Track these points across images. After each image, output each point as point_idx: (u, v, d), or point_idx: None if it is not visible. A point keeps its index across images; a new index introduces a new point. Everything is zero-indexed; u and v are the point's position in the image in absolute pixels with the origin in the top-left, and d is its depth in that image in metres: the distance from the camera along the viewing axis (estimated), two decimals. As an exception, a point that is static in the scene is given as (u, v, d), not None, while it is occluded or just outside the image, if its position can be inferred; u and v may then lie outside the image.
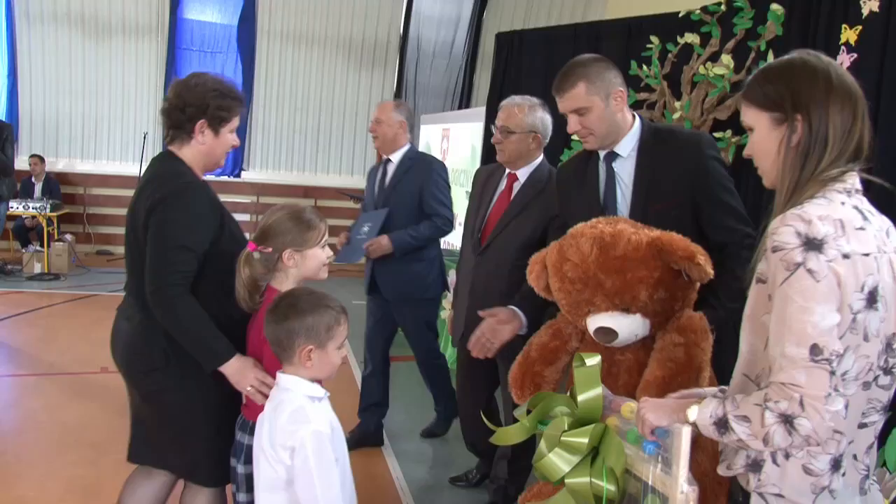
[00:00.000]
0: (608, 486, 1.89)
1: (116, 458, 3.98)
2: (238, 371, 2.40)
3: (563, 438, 1.96)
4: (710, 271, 2.23)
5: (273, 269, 2.42)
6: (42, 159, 9.66)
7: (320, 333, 2.13)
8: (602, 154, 2.70)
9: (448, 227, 4.15)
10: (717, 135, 4.75)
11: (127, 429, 2.77)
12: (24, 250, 9.10)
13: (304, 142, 10.81)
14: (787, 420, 1.47)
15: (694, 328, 2.29)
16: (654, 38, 5.29)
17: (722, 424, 1.58)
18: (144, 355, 2.52)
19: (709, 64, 4.75)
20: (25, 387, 5.22)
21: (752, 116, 1.72)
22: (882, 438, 1.94)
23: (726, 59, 4.67)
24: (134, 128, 10.43)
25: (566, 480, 1.95)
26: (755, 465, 1.65)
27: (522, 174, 3.39)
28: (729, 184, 2.60)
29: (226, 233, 2.52)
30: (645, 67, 5.30)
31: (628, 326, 2.29)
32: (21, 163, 9.35)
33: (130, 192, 10.45)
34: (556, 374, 2.56)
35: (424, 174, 4.14)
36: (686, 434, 1.71)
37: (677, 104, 4.98)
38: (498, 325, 2.85)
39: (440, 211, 4.10)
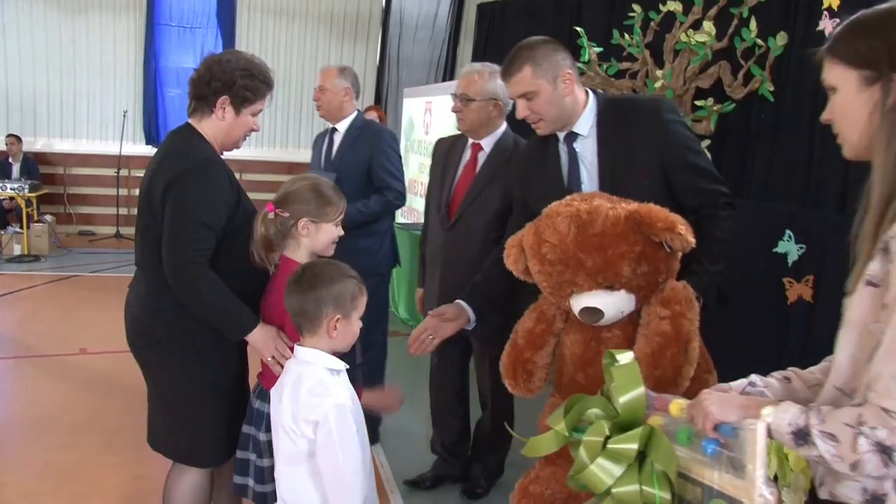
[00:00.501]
0: (661, 494, 1.71)
1: (95, 440, 3.98)
2: (263, 339, 2.41)
3: (610, 446, 1.75)
4: (692, 240, 2.18)
5: (287, 234, 2.41)
6: (19, 139, 9.51)
7: (346, 302, 2.09)
8: (561, 136, 2.61)
9: (400, 200, 3.93)
10: (698, 103, 4.71)
11: (105, 411, 2.71)
12: (2, 232, 8.98)
13: (286, 117, 10.66)
14: (885, 451, 1.29)
15: (678, 299, 2.24)
16: (636, 7, 5.21)
17: (802, 436, 1.39)
18: (147, 327, 2.51)
19: (690, 31, 4.69)
20: (3, 370, 5.15)
21: (836, 75, 1.46)
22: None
23: (708, 26, 4.61)
24: (113, 106, 10.27)
25: (613, 490, 1.75)
26: (876, 500, 1.40)
27: (487, 144, 3.27)
28: (695, 144, 2.55)
29: (240, 211, 2.49)
30: (627, 36, 5.23)
31: (614, 304, 2.24)
32: (-2, 143, 9.23)
33: (111, 172, 10.33)
34: (546, 357, 2.51)
35: (373, 145, 3.87)
36: (763, 431, 1.50)
37: (659, 73, 4.92)
38: (442, 322, 2.73)
39: (391, 184, 3.85)
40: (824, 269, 3.03)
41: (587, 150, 2.57)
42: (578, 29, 5.29)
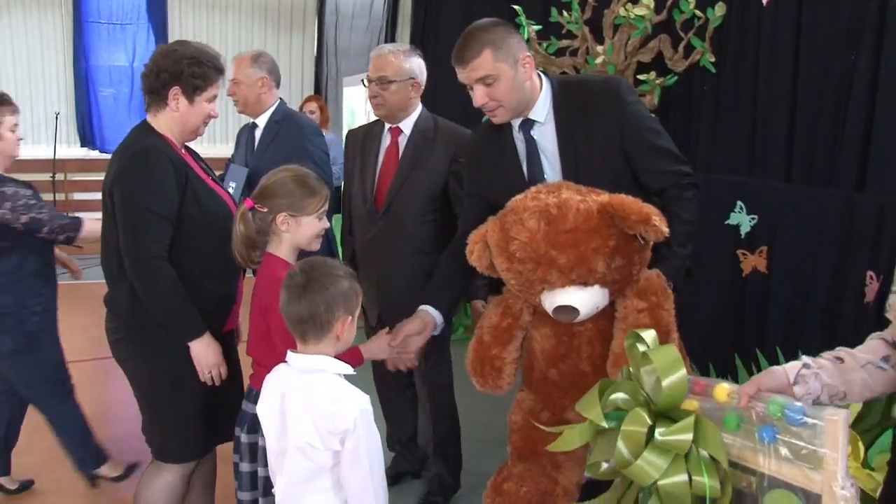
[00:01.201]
0: (710, 482, 1.58)
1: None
2: (203, 352, 2.44)
3: (660, 438, 1.60)
4: (666, 230, 2.12)
5: (267, 230, 2.34)
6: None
7: (352, 301, 2.00)
8: (516, 124, 2.51)
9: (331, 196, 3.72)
10: (640, 77, 4.70)
11: (100, 420, 2.71)
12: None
13: (224, 112, 10.43)
14: None
15: (654, 289, 2.20)
16: (573, -18, 5.17)
17: None
18: (111, 322, 2.57)
19: (629, 6, 4.66)
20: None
21: None
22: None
23: (646, -1, 4.59)
24: (44, 107, 9.90)
25: (660, 483, 1.59)
26: None
27: (406, 126, 3.17)
28: (655, 125, 2.50)
29: (189, 196, 2.46)
30: (566, 13, 5.19)
31: (589, 300, 2.17)
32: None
33: (47, 176, 9.96)
34: (515, 353, 2.43)
35: (295, 142, 3.54)
36: (845, 421, 1.44)
37: (599, 48, 4.90)
38: (408, 339, 2.52)
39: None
40: (777, 240, 3.02)
41: (546, 137, 2.48)
42: (516, 7, 5.23)
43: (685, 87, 4.69)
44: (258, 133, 3.72)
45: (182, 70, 2.48)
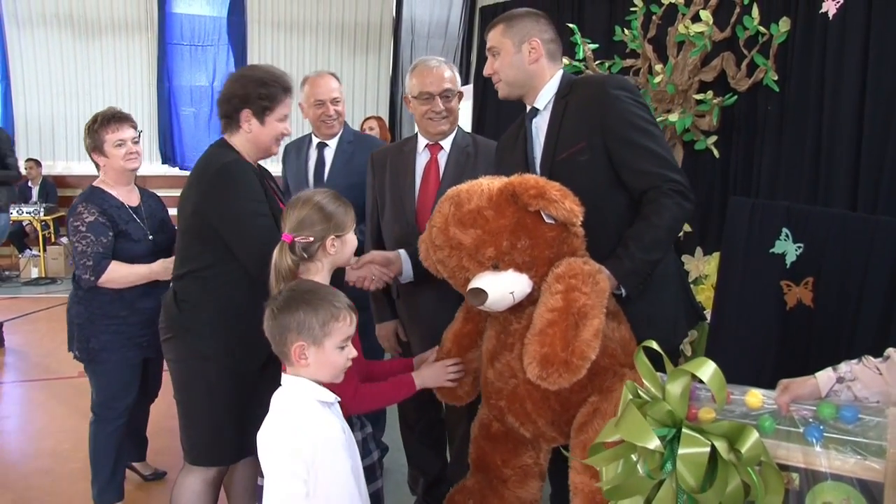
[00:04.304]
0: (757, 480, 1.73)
1: (74, 467, 3.87)
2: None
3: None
4: (573, 208, 2.09)
5: (312, 258, 2.28)
6: (38, 163, 9.60)
7: (313, 329, 1.95)
8: (528, 110, 2.57)
9: None
10: (697, 97, 4.49)
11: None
12: (20, 255, 9.03)
13: (300, 132, 10.58)
14: None
15: (573, 272, 2.08)
16: (636, 1, 5.01)
17: None
18: (164, 322, 2.64)
19: (688, 22, 4.47)
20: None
21: None
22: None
23: (705, 15, 4.39)
24: (129, 126, 10.30)
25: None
26: None
27: (446, 142, 3.01)
28: (644, 123, 2.37)
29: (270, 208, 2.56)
30: (627, 32, 5.04)
31: (500, 283, 2.11)
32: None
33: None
34: (476, 361, 2.42)
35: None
36: None
37: (657, 67, 4.72)
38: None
39: None
40: (824, 271, 2.80)
41: (542, 126, 2.52)
42: (571, 25, 5.10)
43: (749, 106, 4.45)
44: (329, 153, 3.67)
45: (250, 93, 2.57)
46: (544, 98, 2.52)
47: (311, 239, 2.25)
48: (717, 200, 4.55)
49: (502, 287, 2.11)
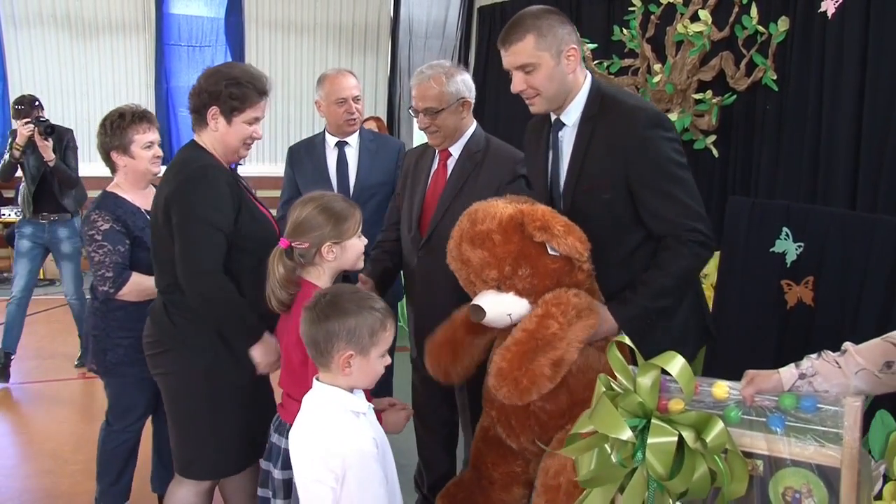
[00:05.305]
0: (724, 467, 1.82)
1: (76, 468, 3.87)
2: (266, 352, 2.44)
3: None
4: (576, 244, 2.10)
5: (310, 263, 2.28)
6: (35, 164, 9.55)
7: (363, 338, 1.90)
8: (553, 118, 2.42)
9: None
10: (696, 96, 4.51)
11: (91, 436, 2.79)
12: (18, 257, 8.99)
13: (298, 132, 10.58)
14: None
15: (557, 301, 2.12)
16: (635, 1, 5.03)
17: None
18: (155, 335, 2.57)
19: (687, 22, 4.49)
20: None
21: None
22: (865, 426, 1.81)
23: (704, 15, 4.41)
24: (127, 127, 10.28)
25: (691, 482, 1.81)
26: None
27: (456, 149, 2.94)
28: (674, 168, 2.27)
29: (244, 212, 2.49)
30: (625, 31, 5.05)
31: (499, 303, 2.17)
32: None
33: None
34: (482, 353, 2.43)
35: (391, 159, 3.51)
36: (862, 404, 1.73)
37: (657, 67, 4.73)
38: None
39: None
40: (824, 270, 2.80)
41: (567, 144, 2.39)
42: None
43: (748, 105, 4.47)
44: (351, 151, 3.67)
45: (221, 90, 2.48)
46: (573, 113, 2.38)
47: (307, 245, 2.24)
48: (717, 200, 4.56)
49: (501, 308, 2.18)
